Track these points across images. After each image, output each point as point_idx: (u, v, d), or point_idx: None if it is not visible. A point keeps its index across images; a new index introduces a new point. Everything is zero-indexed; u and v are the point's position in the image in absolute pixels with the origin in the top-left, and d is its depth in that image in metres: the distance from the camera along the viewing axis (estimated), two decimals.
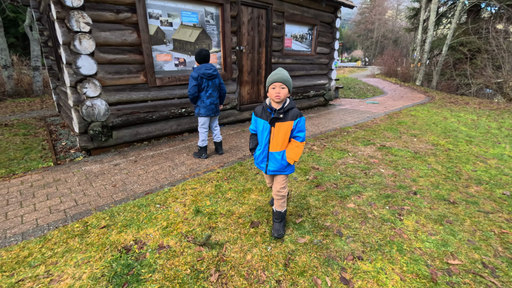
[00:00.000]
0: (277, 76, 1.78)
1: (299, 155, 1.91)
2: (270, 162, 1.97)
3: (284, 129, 1.86)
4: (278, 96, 1.79)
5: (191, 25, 4.60)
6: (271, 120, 1.86)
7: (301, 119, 1.87)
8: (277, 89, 1.79)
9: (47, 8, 4.90)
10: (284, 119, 1.85)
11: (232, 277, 1.71)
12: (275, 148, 1.92)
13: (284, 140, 1.90)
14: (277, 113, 1.84)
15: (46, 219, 2.37)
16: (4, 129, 5.45)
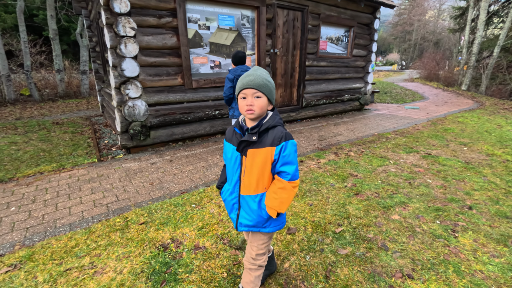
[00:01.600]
0: (248, 79, 1.14)
1: (286, 202, 1.20)
2: (242, 211, 1.28)
3: (261, 159, 1.17)
4: (251, 110, 1.14)
5: (227, 28, 4.67)
6: (240, 145, 1.19)
7: (288, 144, 1.16)
8: (249, 98, 1.14)
9: (97, 16, 5.30)
10: (260, 144, 1.17)
11: (270, 285, 1.63)
12: (247, 189, 1.23)
13: (262, 177, 1.20)
14: (249, 133, 1.18)
15: (90, 212, 2.50)
16: (56, 127, 5.96)
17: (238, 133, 1.25)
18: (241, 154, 1.22)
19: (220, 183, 1.41)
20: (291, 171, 1.19)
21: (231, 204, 1.32)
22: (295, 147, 1.20)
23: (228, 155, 1.28)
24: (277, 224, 1.31)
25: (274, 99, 1.22)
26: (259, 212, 1.24)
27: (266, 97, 1.17)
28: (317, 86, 6.32)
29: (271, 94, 1.18)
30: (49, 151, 4.26)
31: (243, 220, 1.30)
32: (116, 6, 3.48)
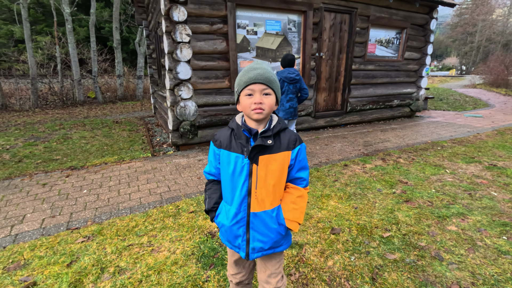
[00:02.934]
0: (256, 72, 0.96)
1: (304, 212, 1.08)
2: (255, 233, 1.05)
3: (277, 166, 1.01)
4: (260, 108, 0.96)
5: (274, 33, 4.82)
6: (252, 152, 0.99)
7: (303, 147, 1.06)
8: (257, 95, 0.96)
9: (156, 25, 5.89)
10: (275, 149, 1.01)
11: (313, 279, 1.66)
12: (261, 204, 1.03)
13: (279, 187, 1.05)
14: (261, 137, 0.99)
15: (147, 199, 2.78)
16: (116, 125, 6.72)
17: (246, 137, 1.01)
18: (251, 163, 1.00)
19: (214, 204, 1.11)
20: (307, 177, 1.09)
21: (236, 228, 1.05)
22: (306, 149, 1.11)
23: (230, 166, 1.02)
24: (288, 241, 1.13)
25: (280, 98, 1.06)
26: (278, 229, 1.05)
27: (275, 95, 1.00)
28: (364, 91, 6.11)
29: (279, 92, 1.03)
30: (111, 145, 4.83)
31: (256, 244, 1.05)
32: (175, 15, 3.86)
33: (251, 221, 1.04)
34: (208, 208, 1.12)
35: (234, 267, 1.20)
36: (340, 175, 3.25)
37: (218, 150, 1.07)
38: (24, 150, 4.57)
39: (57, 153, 4.38)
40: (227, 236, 1.10)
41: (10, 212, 2.53)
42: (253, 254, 1.06)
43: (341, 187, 2.90)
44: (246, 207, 1.03)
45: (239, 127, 1.02)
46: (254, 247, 1.05)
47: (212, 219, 1.11)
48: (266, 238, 1.05)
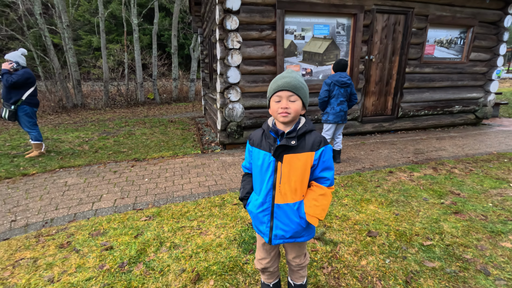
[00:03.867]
0: (284, 80, 1.11)
1: (327, 209, 1.18)
2: (278, 222, 1.21)
3: (300, 164, 1.14)
4: (286, 113, 1.11)
5: (321, 37, 4.91)
6: (277, 151, 1.14)
7: (327, 149, 1.16)
8: (284, 101, 1.11)
9: (210, 33, 6.45)
10: (299, 149, 1.14)
11: (345, 275, 1.77)
12: (284, 197, 1.18)
13: (301, 184, 1.17)
14: (287, 138, 1.14)
15: (196, 190, 3.16)
16: (171, 124, 7.49)
17: (273, 137, 1.17)
18: (276, 160, 1.16)
19: (245, 194, 1.31)
20: (331, 177, 1.18)
21: (262, 216, 1.23)
22: (332, 152, 1.21)
23: (259, 162, 1.19)
24: (311, 233, 1.27)
25: (307, 103, 1.18)
26: (299, 221, 1.19)
27: (301, 101, 1.13)
28: (418, 95, 5.77)
29: (306, 98, 1.15)
30: (167, 142, 5.46)
31: (278, 232, 1.21)
32: (228, 24, 4.25)
33: (274, 211, 1.20)
34: (241, 196, 1.32)
35: (260, 252, 1.36)
36: (384, 181, 3.21)
37: (251, 148, 1.25)
38: (99, 142, 5.46)
39: (124, 146, 5.13)
40: (255, 222, 1.27)
41: (91, 192, 3.14)
42: (275, 240, 1.22)
43: (383, 193, 2.89)
44: (271, 198, 1.19)
45: (268, 128, 1.19)
46: (276, 234, 1.21)
47: (244, 206, 1.32)
48: (288, 227, 1.19)
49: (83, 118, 8.82)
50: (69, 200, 2.92)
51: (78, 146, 5.20)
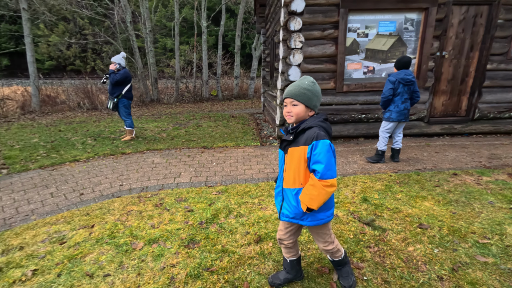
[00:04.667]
0: (288, 89, 1.43)
1: (316, 199, 1.32)
2: (285, 203, 1.50)
3: (296, 157, 1.39)
4: (289, 115, 1.42)
5: (386, 34, 4.87)
6: (282, 144, 1.48)
7: (319, 143, 1.30)
8: (288, 106, 1.43)
9: (273, 33, 6.89)
10: (297, 143, 1.39)
11: (390, 256, 1.96)
12: (287, 183, 1.46)
13: (298, 174, 1.40)
14: (288, 134, 1.44)
15: (257, 175, 3.62)
16: (232, 119, 8.22)
17: (282, 133, 1.52)
18: (284, 152, 1.46)
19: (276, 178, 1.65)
20: (321, 170, 1.29)
21: (277, 196, 1.58)
22: (327, 147, 1.30)
23: (279, 152, 1.55)
24: (315, 220, 1.44)
25: (315, 105, 1.41)
26: (296, 205, 1.42)
27: (303, 105, 1.38)
28: (502, 95, 5.19)
29: (309, 101, 1.38)
30: (229, 134, 6.11)
31: (284, 211, 1.50)
32: (292, 25, 4.60)
33: (283, 194, 1.51)
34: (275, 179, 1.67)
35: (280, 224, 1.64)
36: (445, 182, 3.15)
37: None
38: (173, 132, 6.42)
39: (193, 136, 5.95)
40: (275, 199, 1.62)
41: (172, 169, 3.88)
42: (282, 217, 1.53)
43: (442, 193, 2.87)
44: (281, 183, 1.52)
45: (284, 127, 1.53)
46: (283, 212, 1.53)
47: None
48: (290, 209, 1.47)
49: (159, 111, 10.26)
50: (157, 174, 3.69)
51: (158, 134, 6.23)
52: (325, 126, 1.39)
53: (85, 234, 2.30)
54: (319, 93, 1.43)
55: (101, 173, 3.77)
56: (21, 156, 4.54)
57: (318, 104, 1.44)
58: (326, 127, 1.39)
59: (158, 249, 2.08)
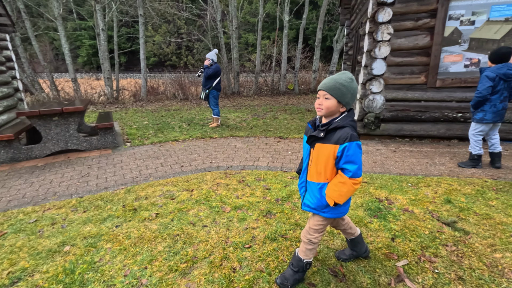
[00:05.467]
0: (323, 82, 1.43)
1: (344, 195, 1.40)
2: (308, 193, 1.58)
3: (325, 154, 1.43)
4: (319, 108, 1.44)
5: (501, 19, 4.21)
6: (310, 139, 1.49)
7: (351, 145, 1.36)
8: (320, 99, 1.43)
9: (358, 25, 6.69)
10: (326, 140, 1.42)
11: (470, 257, 1.90)
12: (311, 176, 1.53)
13: (324, 170, 1.46)
14: (318, 130, 1.46)
15: None
16: (308, 113, 8.36)
17: (310, 128, 1.53)
18: (310, 147, 1.49)
19: (299, 170, 1.69)
20: (353, 169, 1.37)
21: (300, 186, 1.65)
22: (359, 148, 1.38)
23: (303, 145, 1.58)
24: (336, 213, 1.53)
25: (348, 103, 1.41)
26: (319, 198, 1.49)
27: (335, 99, 1.39)
28: None
29: (342, 97, 1.39)
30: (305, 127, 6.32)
31: (306, 201, 1.59)
32: (380, 17, 4.45)
33: (307, 186, 1.59)
34: (297, 170, 1.75)
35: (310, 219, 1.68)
36: None
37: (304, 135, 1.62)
38: (252, 122, 7.01)
39: (270, 127, 6.39)
40: (299, 190, 1.70)
41: (252, 154, 4.37)
42: (303, 207, 1.63)
43: None
44: (305, 175, 1.59)
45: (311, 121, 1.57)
46: (304, 202, 1.62)
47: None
48: (312, 200, 1.55)
49: (239, 103, 11.17)
50: (239, 157, 4.24)
51: (239, 123, 6.92)
52: (355, 126, 1.45)
53: (187, 195, 2.94)
54: (355, 90, 1.43)
55: (195, 151, 4.55)
56: (137, 133, 5.81)
57: (352, 102, 1.44)
58: (355, 126, 1.45)
59: (242, 214, 2.52)
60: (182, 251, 2.03)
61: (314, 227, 1.59)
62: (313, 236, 1.60)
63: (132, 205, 2.72)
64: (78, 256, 1.99)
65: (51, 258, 1.97)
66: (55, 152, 4.48)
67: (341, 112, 1.46)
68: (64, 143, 4.49)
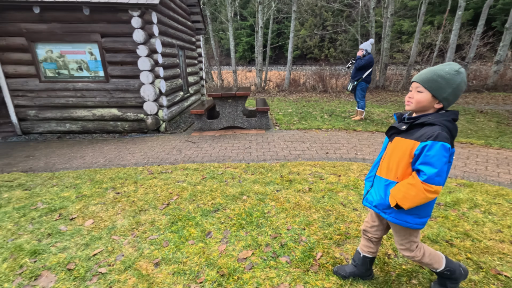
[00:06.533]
0: (419, 73, 1.25)
1: (410, 200, 1.20)
2: (373, 189, 1.45)
3: (401, 149, 1.26)
4: (409, 101, 1.28)
5: None
6: (390, 131, 1.37)
7: (435, 145, 1.14)
8: (412, 91, 1.27)
9: None
10: (408, 135, 1.26)
11: None
12: (381, 171, 1.38)
13: (396, 166, 1.29)
14: (402, 122, 1.32)
15: None
16: (480, 114, 6.70)
17: (394, 119, 1.36)
18: (389, 140, 1.36)
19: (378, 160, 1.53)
20: (429, 173, 1.16)
21: (367, 180, 1.53)
22: (445, 151, 1.15)
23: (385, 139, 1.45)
24: (397, 218, 1.33)
25: (446, 99, 1.20)
26: (383, 196, 1.35)
27: (430, 94, 1.21)
28: None
29: (439, 91, 1.19)
30: (476, 131, 5.14)
31: (369, 197, 1.46)
32: None
33: (374, 180, 1.46)
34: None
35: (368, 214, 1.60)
36: None
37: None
38: None
39: None
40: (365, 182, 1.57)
41: None
42: (365, 202, 1.51)
43: None
44: (376, 169, 1.46)
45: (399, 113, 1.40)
46: (367, 197, 1.49)
47: None
48: (375, 196, 1.41)
49: (383, 98, 10.27)
50: None
51: (385, 119, 6.44)
52: (451, 127, 1.20)
53: (335, 179, 3.12)
54: (459, 86, 1.19)
55: (338, 141, 4.66)
56: (284, 119, 6.50)
57: (452, 98, 1.21)
58: (452, 128, 1.20)
59: None
60: (334, 225, 2.23)
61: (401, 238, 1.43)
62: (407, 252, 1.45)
63: (287, 177, 3.18)
64: (252, 205, 2.57)
65: (235, 201, 2.65)
66: (225, 127, 5.72)
67: (437, 109, 1.26)
68: (232, 121, 5.65)
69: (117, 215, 2.46)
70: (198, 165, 3.65)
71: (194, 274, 1.76)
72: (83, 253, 1.98)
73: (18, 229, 2.28)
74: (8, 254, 1.97)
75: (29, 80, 5.28)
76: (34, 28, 5.00)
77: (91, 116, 5.53)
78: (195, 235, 2.15)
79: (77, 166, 3.81)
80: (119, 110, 5.50)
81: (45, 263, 1.88)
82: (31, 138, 5.41)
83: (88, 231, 2.24)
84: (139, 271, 1.80)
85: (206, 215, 2.43)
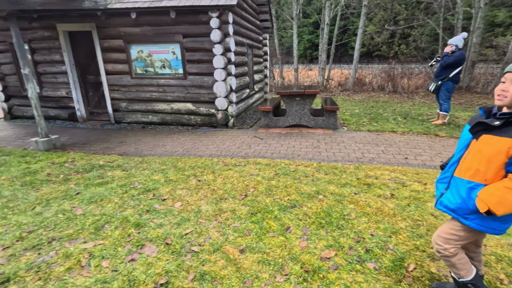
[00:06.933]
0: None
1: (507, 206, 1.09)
2: (450, 191, 1.30)
3: (494, 149, 1.12)
4: (501, 95, 1.13)
5: None
6: (476, 127, 1.19)
7: None
8: (507, 83, 1.13)
9: None
10: (502, 133, 1.10)
11: None
12: (462, 172, 1.23)
13: (486, 168, 1.15)
14: (493, 117, 1.15)
15: None
16: None
17: (481, 115, 1.24)
18: (473, 137, 1.23)
19: (445, 164, 1.43)
20: None
21: (441, 182, 1.38)
22: None
23: (462, 135, 1.32)
24: (485, 225, 1.22)
25: None
26: (466, 200, 1.23)
27: None
28: None
29: None
30: None
31: (444, 200, 1.33)
32: None
33: (451, 182, 1.32)
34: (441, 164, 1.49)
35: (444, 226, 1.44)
36: None
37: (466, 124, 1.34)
38: None
39: None
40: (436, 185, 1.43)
41: None
42: (439, 206, 1.38)
43: None
44: (453, 170, 1.32)
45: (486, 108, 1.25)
46: (441, 201, 1.36)
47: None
48: (453, 200, 1.28)
49: (469, 101, 9.01)
50: None
51: None
52: None
53: (421, 187, 2.85)
54: None
55: (419, 146, 4.25)
56: (352, 120, 6.19)
57: None
58: None
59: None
60: (426, 237, 2.05)
61: (444, 234, 1.34)
62: (441, 247, 1.35)
63: (365, 180, 3.03)
64: (330, 205, 2.52)
65: (311, 199, 2.64)
66: (291, 125, 5.73)
67: None
68: (299, 119, 5.62)
69: (201, 201, 2.68)
70: (269, 161, 3.73)
71: (279, 266, 1.81)
72: (177, 231, 2.20)
73: (123, 203, 2.66)
74: (118, 223, 2.32)
75: (123, 77, 6.08)
76: (130, 31, 5.73)
77: (170, 109, 6.11)
78: (275, 228, 2.21)
79: (160, 154, 4.26)
80: (193, 104, 5.96)
81: (147, 235, 2.16)
82: (122, 127, 6.24)
83: (178, 212, 2.49)
84: (227, 254, 1.92)
85: (284, 210, 2.46)
